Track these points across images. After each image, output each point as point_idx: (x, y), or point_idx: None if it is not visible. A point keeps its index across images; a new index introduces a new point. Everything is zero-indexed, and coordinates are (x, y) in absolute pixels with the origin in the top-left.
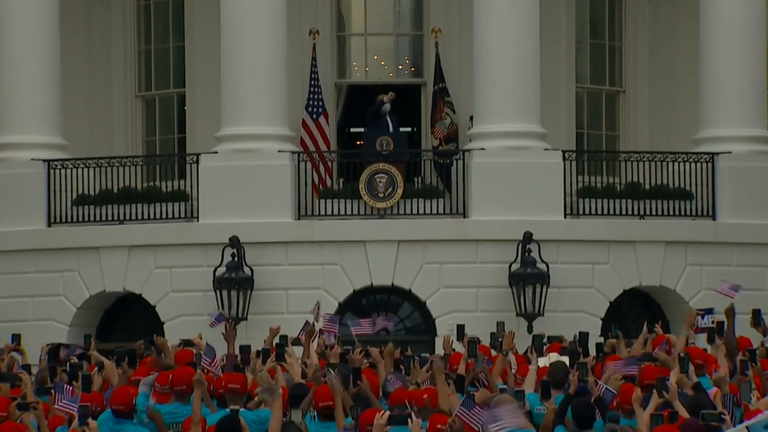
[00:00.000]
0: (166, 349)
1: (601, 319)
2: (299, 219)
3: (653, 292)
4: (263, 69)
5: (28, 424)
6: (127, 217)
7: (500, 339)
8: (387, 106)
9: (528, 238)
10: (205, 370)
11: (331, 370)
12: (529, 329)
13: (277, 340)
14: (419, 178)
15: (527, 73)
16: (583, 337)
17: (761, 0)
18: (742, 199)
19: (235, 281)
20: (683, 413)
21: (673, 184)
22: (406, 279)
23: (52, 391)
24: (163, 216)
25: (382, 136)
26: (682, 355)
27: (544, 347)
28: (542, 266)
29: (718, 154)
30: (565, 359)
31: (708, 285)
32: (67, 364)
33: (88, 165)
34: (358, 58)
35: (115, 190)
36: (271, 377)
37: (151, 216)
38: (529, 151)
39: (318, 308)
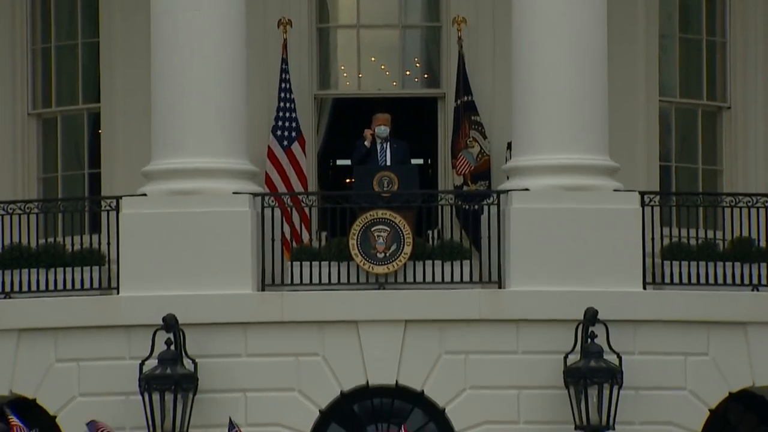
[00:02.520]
0: None
1: None
2: (263, 290)
3: None
4: (211, 76)
5: None
6: (16, 288)
7: None
8: (384, 129)
9: (591, 317)
10: None
11: None
12: None
13: None
14: (435, 232)
15: (590, 83)
16: None
17: None
18: None
19: (170, 380)
20: None
21: None
22: (416, 376)
23: None
24: (68, 286)
25: (382, 172)
26: None
27: None
28: (612, 358)
29: None
30: None
31: None
32: None
33: None
34: (347, 61)
35: None
36: None
37: (51, 287)
38: (593, 194)
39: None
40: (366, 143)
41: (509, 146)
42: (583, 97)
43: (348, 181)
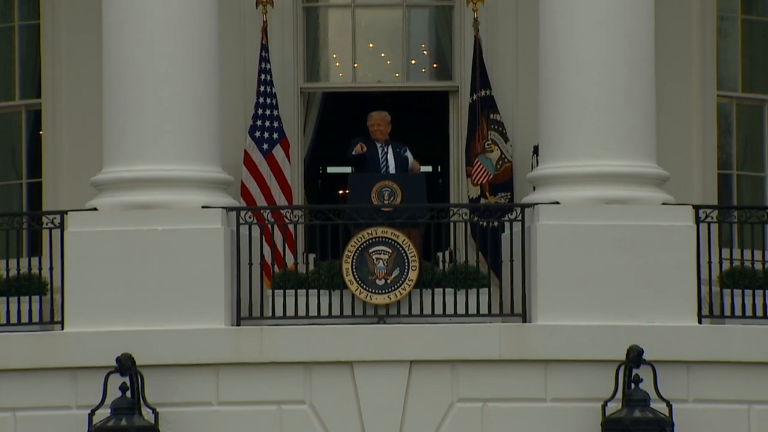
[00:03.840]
0: None
1: None
2: (239, 324)
3: None
4: (175, 67)
5: None
6: None
7: None
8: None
9: (636, 357)
10: None
11: None
12: None
13: None
14: (446, 254)
15: (634, 74)
16: None
17: None
18: None
19: None
20: None
21: None
22: (423, 428)
23: None
24: (2, 320)
25: (383, 181)
26: None
27: None
28: (661, 407)
29: None
30: None
31: None
32: None
33: None
34: (340, 49)
35: None
36: None
37: None
38: (638, 208)
39: None
40: (355, 151)
41: (536, 150)
42: (626, 92)
43: (341, 192)
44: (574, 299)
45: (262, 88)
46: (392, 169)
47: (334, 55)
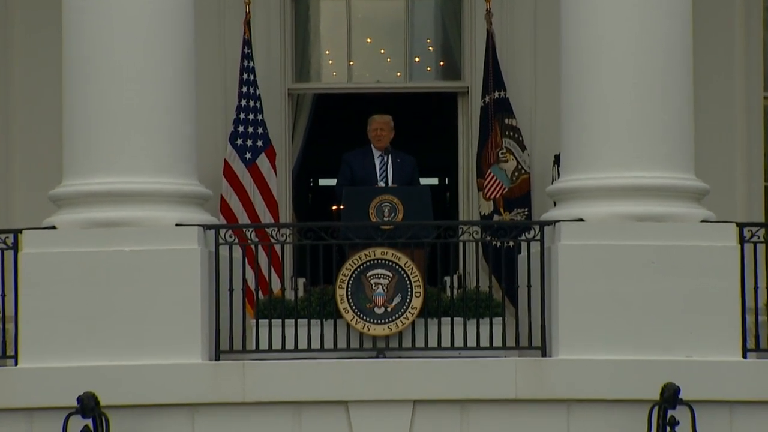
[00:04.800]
0: None
1: None
2: (218, 359)
3: None
4: (146, 67)
5: None
6: None
7: None
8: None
9: (671, 397)
10: None
11: None
12: None
13: None
14: (455, 278)
15: (670, 74)
16: None
17: None
18: None
19: None
20: None
21: None
22: None
23: None
24: None
25: (382, 195)
26: None
27: None
28: None
29: None
30: None
31: None
32: None
33: None
34: (334, 44)
35: None
36: None
37: None
38: (674, 226)
39: None
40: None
41: (557, 160)
42: (661, 93)
43: (334, 208)
44: (600, 330)
45: (244, 89)
46: (392, 182)
47: (327, 52)
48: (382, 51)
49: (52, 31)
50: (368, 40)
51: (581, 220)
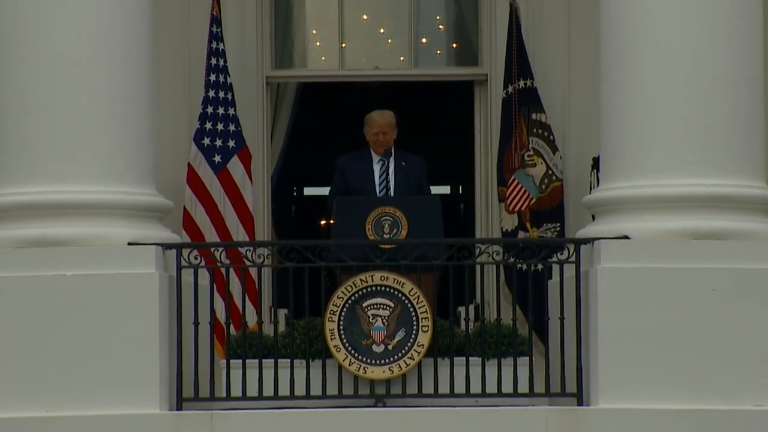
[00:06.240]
0: None
1: None
2: (180, 409)
3: None
4: (90, 52)
5: None
6: None
7: None
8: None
9: None
10: None
11: None
12: None
13: None
14: (471, 308)
15: (733, 61)
16: None
17: None
18: None
19: None
20: None
21: None
22: None
23: None
24: None
25: (381, 207)
26: None
27: None
28: None
29: None
30: None
31: None
32: None
33: None
34: (322, 22)
35: None
36: None
37: None
38: (741, 245)
39: None
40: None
41: (596, 164)
42: (724, 83)
43: (323, 222)
44: (649, 373)
45: (212, 77)
46: (395, 191)
47: (314, 32)
48: (382, 30)
49: None
50: (364, 17)
51: (626, 237)
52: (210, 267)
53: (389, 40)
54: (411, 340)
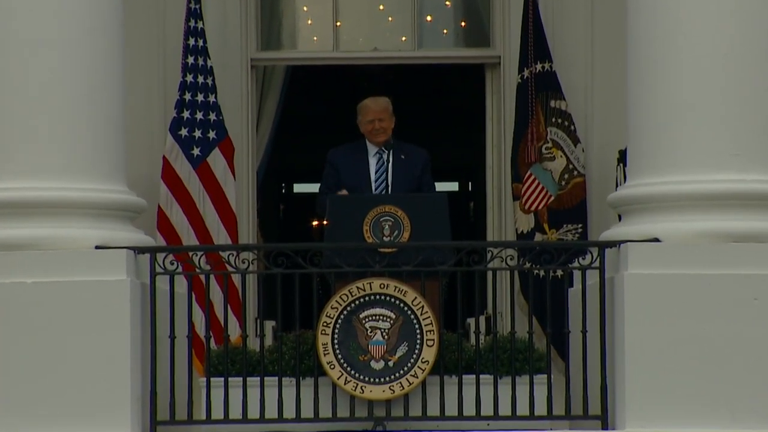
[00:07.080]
0: None
1: None
2: (155, 431)
3: None
4: (54, 34)
5: None
6: None
7: None
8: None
9: None
10: None
11: None
12: None
13: None
14: (481, 320)
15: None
16: None
17: None
18: None
19: None
20: None
21: None
22: None
23: None
24: None
25: (380, 206)
26: None
27: None
28: None
29: None
30: None
31: None
32: None
33: None
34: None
35: None
36: None
37: None
38: None
39: None
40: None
41: (623, 157)
42: (764, 65)
43: (316, 223)
44: (683, 393)
45: (190, 60)
46: (395, 187)
47: (305, 9)
48: (381, 7)
49: None
50: None
51: (656, 240)
52: (188, 273)
53: (390, 18)
54: (414, 356)
